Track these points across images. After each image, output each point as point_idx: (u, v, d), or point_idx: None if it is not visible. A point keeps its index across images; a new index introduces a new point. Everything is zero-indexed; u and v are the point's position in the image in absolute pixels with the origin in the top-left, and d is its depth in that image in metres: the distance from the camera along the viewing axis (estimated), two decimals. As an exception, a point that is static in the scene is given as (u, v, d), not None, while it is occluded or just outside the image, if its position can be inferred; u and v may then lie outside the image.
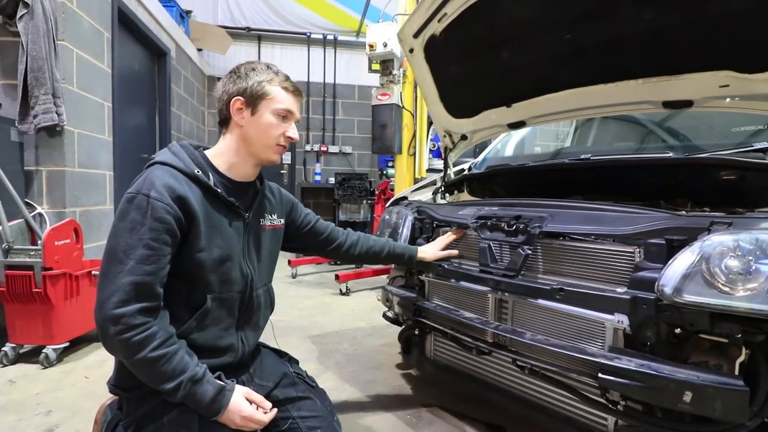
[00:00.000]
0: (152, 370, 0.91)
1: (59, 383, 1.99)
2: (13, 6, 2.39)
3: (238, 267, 1.09)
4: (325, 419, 1.19)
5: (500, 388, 1.53)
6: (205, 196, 1.02)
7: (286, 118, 1.11)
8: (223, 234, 1.06)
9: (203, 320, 1.03)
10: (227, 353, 1.08)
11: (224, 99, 1.09)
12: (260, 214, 1.19)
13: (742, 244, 0.95)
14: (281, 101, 1.09)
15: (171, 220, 0.94)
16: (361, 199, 5.97)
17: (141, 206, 0.93)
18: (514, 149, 2.70)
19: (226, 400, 0.97)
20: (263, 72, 1.09)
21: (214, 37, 5.87)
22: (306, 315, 3.21)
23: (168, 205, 0.94)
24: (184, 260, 0.99)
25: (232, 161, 1.11)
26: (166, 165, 1.01)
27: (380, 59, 3.86)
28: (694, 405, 0.96)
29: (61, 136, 2.62)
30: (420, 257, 1.63)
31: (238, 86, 1.07)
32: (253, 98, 1.07)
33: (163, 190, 0.95)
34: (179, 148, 1.07)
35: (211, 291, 1.04)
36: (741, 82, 1.32)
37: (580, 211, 1.37)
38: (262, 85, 1.07)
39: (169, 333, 0.94)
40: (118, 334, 0.89)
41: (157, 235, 0.92)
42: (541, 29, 1.64)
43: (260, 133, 1.08)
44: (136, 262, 0.91)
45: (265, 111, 1.08)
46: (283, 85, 1.10)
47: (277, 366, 1.25)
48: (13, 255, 2.14)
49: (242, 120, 1.08)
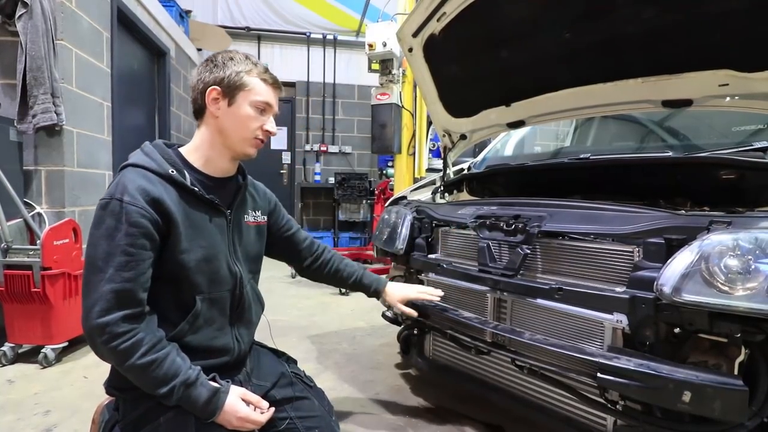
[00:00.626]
0: (144, 376, 0.91)
1: (58, 383, 1.98)
2: (11, 5, 2.38)
3: (226, 265, 1.07)
4: (323, 419, 1.19)
5: (499, 387, 1.52)
6: (182, 196, 1.00)
7: (264, 111, 1.07)
8: (205, 233, 1.03)
9: (195, 322, 1.01)
10: (223, 353, 1.08)
11: (199, 88, 1.05)
12: (243, 210, 1.16)
13: (742, 244, 0.95)
14: (260, 93, 1.05)
15: (147, 224, 0.92)
16: (360, 199, 5.97)
17: (115, 212, 0.91)
18: (513, 149, 2.69)
19: (221, 401, 0.96)
20: (242, 62, 1.05)
21: (213, 37, 5.86)
22: (305, 315, 3.20)
23: (142, 209, 0.92)
24: (167, 263, 0.97)
25: (207, 155, 1.07)
26: (139, 167, 0.98)
27: (380, 59, 3.86)
28: (693, 405, 0.95)
29: (60, 136, 2.62)
30: (386, 295, 1.49)
31: (215, 75, 1.03)
32: (231, 88, 1.03)
33: (137, 193, 0.92)
34: (152, 148, 1.03)
35: (200, 292, 1.02)
36: (740, 81, 1.32)
37: (579, 210, 1.36)
38: (240, 75, 1.03)
39: (157, 338, 0.93)
40: (105, 343, 0.88)
41: (133, 240, 0.90)
42: (540, 28, 1.63)
43: (237, 126, 1.04)
44: (115, 270, 0.89)
45: (242, 102, 1.04)
46: (262, 76, 1.06)
47: (274, 366, 1.24)
48: (12, 255, 2.14)
49: (218, 111, 1.04)
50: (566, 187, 1.84)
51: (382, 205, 3.88)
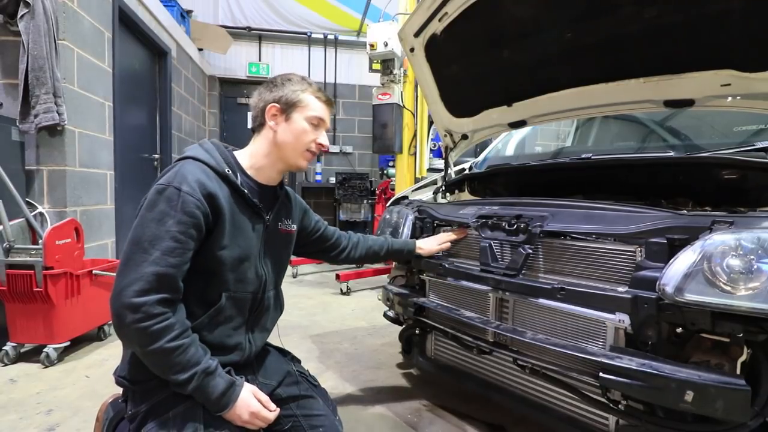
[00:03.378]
0: (167, 360, 0.92)
1: (60, 382, 1.99)
2: (14, 5, 2.39)
3: (254, 268, 1.12)
4: (327, 418, 1.19)
5: (501, 387, 1.53)
6: (232, 196, 1.05)
7: (317, 126, 1.15)
8: (244, 234, 1.08)
9: (216, 317, 1.04)
10: (234, 351, 1.09)
11: (260, 106, 1.14)
12: (279, 218, 1.22)
13: (744, 243, 0.95)
14: (314, 109, 1.14)
15: (200, 216, 0.96)
16: (361, 199, 5.97)
17: (171, 199, 0.94)
18: (514, 148, 2.69)
19: (235, 395, 0.98)
20: (298, 82, 1.15)
21: (214, 37, 5.86)
22: (307, 314, 3.21)
23: (198, 201, 0.96)
24: (205, 256, 1.00)
25: (260, 164, 1.15)
26: (198, 161, 1.03)
27: (381, 59, 3.86)
28: (696, 404, 0.96)
29: (62, 136, 2.62)
30: (418, 251, 1.66)
31: (275, 94, 1.13)
32: (288, 105, 1.12)
33: (195, 185, 0.97)
34: (211, 145, 1.10)
35: (227, 289, 1.05)
36: (742, 81, 1.32)
37: (581, 210, 1.36)
38: (296, 93, 1.13)
39: (185, 325, 0.96)
40: (136, 322, 0.89)
41: (185, 229, 0.94)
42: (541, 28, 1.64)
43: (292, 139, 1.12)
44: (162, 253, 0.92)
45: (298, 118, 1.13)
46: (316, 94, 1.15)
47: (280, 364, 1.25)
48: (14, 254, 2.14)
49: (276, 126, 1.13)
50: (568, 187, 1.85)
51: (383, 205, 3.89)
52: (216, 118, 6.35)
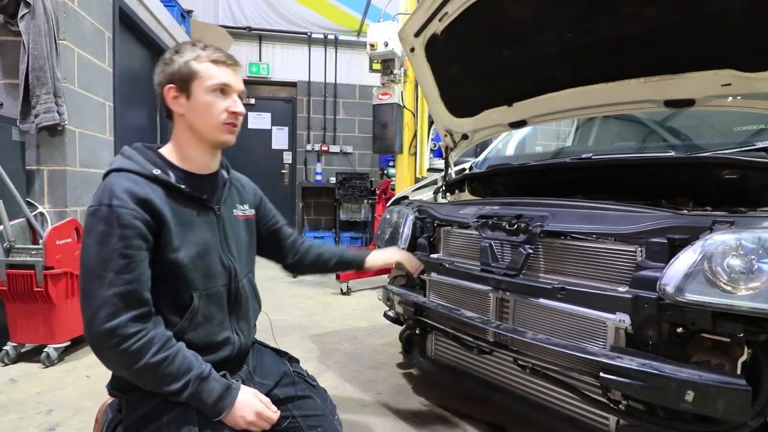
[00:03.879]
0: (156, 374, 0.90)
1: (60, 382, 1.99)
2: (14, 5, 2.39)
3: (219, 260, 1.07)
4: (325, 418, 1.19)
5: (501, 387, 1.53)
6: (169, 195, 0.99)
7: (225, 93, 1.03)
8: (195, 230, 1.03)
9: (194, 319, 1.01)
10: (224, 347, 1.07)
11: (159, 91, 1.04)
12: (231, 204, 1.16)
13: (745, 243, 0.95)
14: (213, 76, 1.01)
15: (140, 225, 0.91)
16: (362, 199, 5.97)
17: (106, 217, 0.90)
18: (515, 148, 2.69)
19: (232, 397, 0.96)
20: (188, 51, 1.02)
21: (215, 37, 5.85)
22: (307, 314, 3.21)
23: (133, 210, 0.91)
24: (161, 262, 0.96)
25: (186, 154, 1.06)
26: (123, 171, 0.97)
27: (381, 59, 3.86)
28: (696, 404, 0.96)
29: (63, 136, 2.62)
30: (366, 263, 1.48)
31: (166, 73, 1.02)
32: (184, 81, 1.01)
33: (125, 195, 0.92)
34: (132, 151, 1.03)
35: (196, 288, 1.01)
36: (743, 81, 1.32)
37: (582, 210, 1.36)
38: (188, 65, 1.00)
39: (165, 337, 0.93)
40: (115, 346, 0.87)
41: (129, 242, 0.90)
42: (542, 28, 1.63)
43: (202, 116, 1.02)
44: (115, 274, 0.88)
45: (199, 92, 1.01)
46: (211, 58, 1.02)
47: (277, 365, 1.24)
48: (15, 254, 2.14)
49: (181, 108, 1.03)
50: (568, 186, 1.84)
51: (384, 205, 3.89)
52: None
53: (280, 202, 6.62)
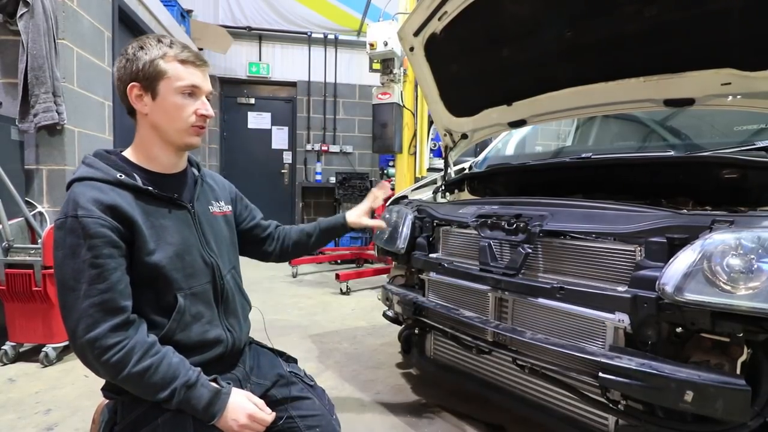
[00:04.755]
0: (141, 383, 0.89)
1: (59, 382, 1.99)
2: (13, 5, 2.39)
3: (200, 258, 1.05)
4: (323, 418, 1.18)
5: (500, 387, 1.52)
6: (138, 198, 0.96)
7: (193, 95, 0.99)
8: (170, 230, 1.01)
9: (182, 319, 1.00)
10: (216, 345, 1.06)
11: (121, 88, 0.99)
12: (205, 201, 1.13)
13: (744, 243, 0.94)
14: (182, 77, 0.97)
15: (108, 233, 0.89)
16: (361, 199, 5.93)
17: (73, 229, 0.88)
18: (514, 148, 2.69)
19: (222, 402, 0.95)
20: (153, 47, 0.96)
21: (214, 37, 5.86)
22: (306, 314, 3.20)
23: (99, 218, 0.89)
24: (139, 267, 0.95)
25: (151, 153, 1.03)
26: (86, 179, 0.94)
27: (381, 58, 3.86)
28: (696, 404, 0.95)
29: (62, 135, 2.62)
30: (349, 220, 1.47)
31: (129, 70, 0.96)
32: (149, 81, 0.96)
33: (90, 205, 0.89)
34: (93, 158, 0.99)
35: (179, 288, 1.00)
36: (743, 80, 1.32)
37: (581, 209, 1.36)
38: (155, 63, 0.95)
39: (149, 343, 0.92)
40: (97, 357, 0.87)
41: (99, 252, 0.88)
42: (541, 27, 1.63)
43: (169, 118, 0.98)
44: (88, 284, 0.87)
45: (166, 92, 0.97)
46: (179, 58, 0.97)
47: (274, 365, 1.24)
48: (13, 254, 2.14)
49: (145, 107, 0.98)
50: (568, 186, 1.84)
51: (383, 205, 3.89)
52: (216, 118, 6.35)
53: (280, 201, 6.63)
